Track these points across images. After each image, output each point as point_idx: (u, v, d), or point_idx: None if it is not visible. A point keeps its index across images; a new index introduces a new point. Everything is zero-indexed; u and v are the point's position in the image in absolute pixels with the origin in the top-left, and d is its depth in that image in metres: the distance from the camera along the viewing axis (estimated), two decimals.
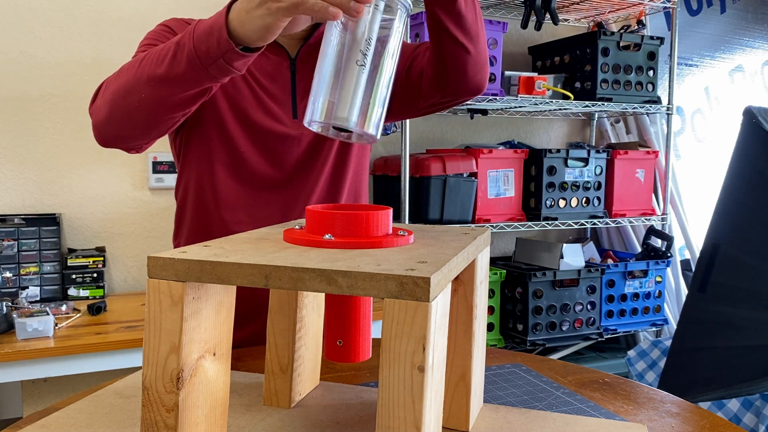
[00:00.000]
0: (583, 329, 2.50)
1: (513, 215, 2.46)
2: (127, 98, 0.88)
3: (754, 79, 3.66)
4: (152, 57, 0.85)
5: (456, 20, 0.94)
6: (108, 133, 0.93)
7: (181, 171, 1.12)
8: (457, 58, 0.98)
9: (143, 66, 0.86)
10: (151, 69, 0.84)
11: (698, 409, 0.82)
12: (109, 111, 0.90)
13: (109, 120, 0.91)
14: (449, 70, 1.00)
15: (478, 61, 1.00)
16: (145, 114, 0.88)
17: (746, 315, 1.72)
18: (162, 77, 0.83)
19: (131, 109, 0.88)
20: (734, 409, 1.67)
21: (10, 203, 2.12)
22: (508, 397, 0.83)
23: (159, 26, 1.07)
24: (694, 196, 3.27)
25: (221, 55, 0.77)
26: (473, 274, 0.69)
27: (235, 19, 0.75)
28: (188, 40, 0.80)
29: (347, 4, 0.64)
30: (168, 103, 0.86)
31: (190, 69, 0.80)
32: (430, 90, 1.04)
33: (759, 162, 1.74)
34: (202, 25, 0.80)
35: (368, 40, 0.65)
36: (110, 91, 0.90)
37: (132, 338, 1.70)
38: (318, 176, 1.11)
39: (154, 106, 0.87)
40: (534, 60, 2.86)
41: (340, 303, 0.66)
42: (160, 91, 0.85)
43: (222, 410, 0.62)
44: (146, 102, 0.86)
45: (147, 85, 0.85)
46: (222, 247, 0.60)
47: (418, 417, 0.50)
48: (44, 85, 2.14)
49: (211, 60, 0.78)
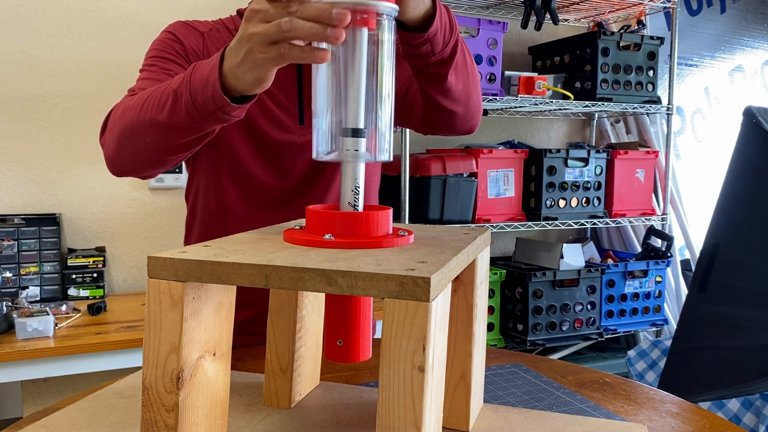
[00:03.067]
0: (583, 329, 2.50)
1: (513, 215, 2.46)
2: (132, 139, 0.88)
3: (754, 79, 3.66)
4: (153, 101, 0.84)
5: (445, 93, 0.93)
6: (119, 167, 0.94)
7: (190, 177, 1.12)
8: (445, 118, 0.98)
9: (145, 110, 0.85)
10: (152, 114, 0.84)
11: (698, 409, 0.82)
12: (117, 148, 0.91)
13: (119, 156, 0.92)
14: (436, 126, 1.01)
15: (468, 114, 0.99)
16: (152, 154, 0.88)
17: (746, 315, 1.72)
18: (164, 124, 0.83)
19: (138, 150, 0.88)
20: (734, 409, 1.67)
21: (10, 203, 2.12)
22: (508, 397, 0.83)
23: (164, 33, 1.06)
24: (694, 196, 3.27)
25: (218, 108, 0.76)
26: (473, 274, 0.69)
27: (228, 74, 0.74)
28: (185, 90, 0.79)
29: (324, 33, 0.61)
30: (173, 145, 0.86)
31: (189, 119, 0.80)
32: (421, 128, 1.05)
33: (759, 162, 1.74)
34: (198, 75, 0.78)
35: (359, 62, 0.64)
36: (117, 130, 0.90)
37: (132, 338, 1.70)
38: (327, 187, 1.09)
39: (160, 148, 0.87)
40: (534, 60, 2.86)
41: (340, 303, 0.66)
42: (164, 135, 0.84)
43: (222, 410, 0.62)
44: (152, 144, 0.86)
45: (150, 129, 0.85)
46: (222, 247, 0.60)
47: (418, 417, 0.50)
48: (44, 85, 2.14)
49: (209, 112, 0.77)
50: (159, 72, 0.99)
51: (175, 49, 1.03)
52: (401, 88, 1.07)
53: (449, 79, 0.90)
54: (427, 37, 0.81)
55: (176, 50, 1.03)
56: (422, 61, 0.86)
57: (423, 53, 0.84)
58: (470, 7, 2.62)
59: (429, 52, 0.84)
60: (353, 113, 0.64)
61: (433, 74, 0.89)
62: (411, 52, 0.85)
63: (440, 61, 0.86)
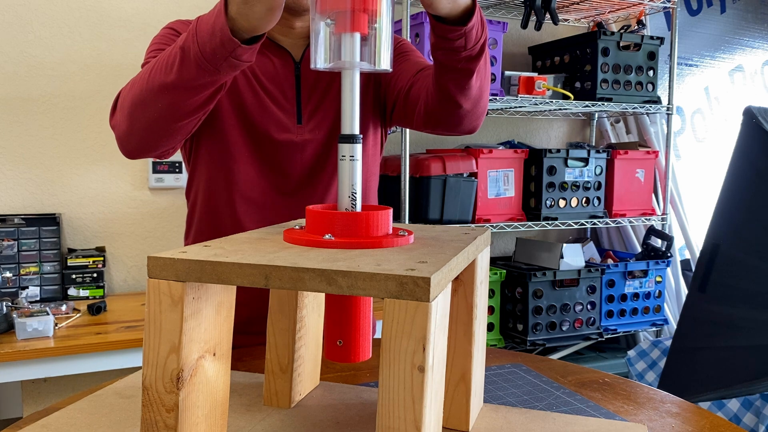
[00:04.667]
0: (583, 329, 2.50)
1: (513, 215, 2.46)
2: (145, 109, 0.87)
3: (754, 79, 3.66)
4: (160, 65, 0.84)
5: (463, 90, 0.93)
6: (133, 145, 0.92)
7: (190, 175, 1.12)
8: (454, 115, 0.98)
9: (153, 75, 0.85)
10: (161, 77, 0.83)
11: (698, 409, 0.82)
12: (129, 123, 0.90)
13: (132, 132, 0.90)
14: (442, 123, 1.00)
15: (476, 114, 0.99)
16: (166, 121, 0.87)
17: (746, 315, 1.72)
18: (174, 83, 0.82)
19: (151, 119, 0.87)
20: (734, 409, 1.67)
21: (10, 203, 2.12)
22: (508, 397, 0.83)
23: (164, 29, 1.06)
24: (694, 196, 3.27)
25: (229, 54, 0.76)
26: (473, 274, 0.69)
27: (236, 12, 0.74)
28: (192, 43, 0.79)
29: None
30: (186, 106, 0.85)
31: (200, 71, 0.79)
32: (422, 125, 1.04)
33: (759, 162, 1.74)
34: (203, 26, 0.78)
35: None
36: (127, 104, 0.89)
37: (132, 338, 1.70)
38: (326, 186, 1.09)
39: (174, 112, 0.86)
40: (534, 60, 2.86)
41: (340, 303, 0.66)
42: (176, 96, 0.84)
43: (222, 410, 0.62)
44: (165, 110, 0.85)
45: (161, 93, 0.84)
46: (222, 247, 0.60)
47: (419, 417, 0.50)
48: (44, 85, 2.14)
49: (220, 60, 0.77)
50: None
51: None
52: (404, 85, 1.06)
53: (473, 76, 0.91)
54: (464, 31, 0.82)
55: None
56: (453, 55, 0.86)
57: (456, 47, 0.85)
58: None
59: (461, 47, 0.85)
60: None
61: (460, 69, 0.89)
62: (444, 45, 0.85)
63: (469, 57, 0.87)
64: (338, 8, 0.64)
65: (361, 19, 0.64)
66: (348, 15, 0.64)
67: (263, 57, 1.07)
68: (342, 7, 0.64)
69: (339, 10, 0.64)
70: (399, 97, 1.07)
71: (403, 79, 1.07)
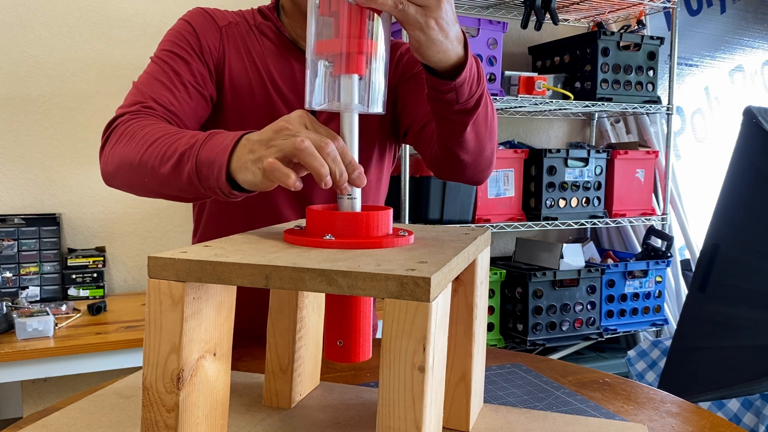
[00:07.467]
0: (583, 329, 2.50)
1: (513, 215, 2.46)
2: (132, 174, 0.86)
3: (754, 79, 3.66)
4: (158, 149, 0.83)
5: (459, 142, 0.91)
6: (114, 185, 0.93)
7: None
8: (454, 165, 0.96)
9: (149, 155, 0.83)
10: (154, 164, 0.82)
11: (698, 409, 0.82)
12: (115, 172, 0.89)
13: (116, 179, 0.90)
14: (445, 171, 0.99)
15: (478, 167, 0.97)
16: (149, 193, 0.88)
17: (746, 315, 1.72)
18: (164, 177, 0.81)
19: (137, 184, 0.87)
20: (734, 409, 1.67)
21: (10, 203, 2.12)
22: (508, 397, 0.83)
23: (182, 22, 1.03)
24: (694, 196, 3.27)
25: (218, 188, 0.75)
26: (473, 274, 0.69)
27: (234, 162, 0.73)
28: (191, 158, 0.77)
29: (340, 182, 0.64)
30: (173, 196, 0.85)
31: (189, 185, 0.79)
32: (431, 167, 1.03)
33: (759, 162, 1.74)
34: (209, 149, 0.76)
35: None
36: (117, 158, 0.88)
37: (132, 338, 1.70)
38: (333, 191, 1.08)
39: (158, 193, 0.86)
40: (534, 60, 2.86)
41: (340, 303, 0.66)
42: (163, 186, 0.83)
43: (222, 410, 0.62)
44: (151, 186, 0.85)
45: (150, 176, 0.83)
46: (222, 247, 0.60)
47: (419, 417, 0.50)
48: (44, 85, 2.14)
49: (209, 187, 0.76)
50: (169, 72, 0.97)
51: (191, 44, 1.01)
52: (419, 118, 1.04)
53: (467, 129, 0.88)
54: (453, 86, 0.80)
55: (191, 45, 1.01)
56: (445, 107, 0.85)
57: (447, 100, 0.83)
58: (470, 7, 2.62)
59: (453, 101, 0.83)
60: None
61: (453, 121, 0.87)
62: (435, 97, 0.84)
63: (463, 111, 0.85)
64: (334, 51, 0.65)
65: (359, 61, 0.65)
66: (343, 57, 0.65)
67: (282, 59, 1.05)
68: (337, 50, 0.65)
69: (335, 52, 0.65)
70: (412, 128, 1.05)
71: (420, 111, 1.04)
